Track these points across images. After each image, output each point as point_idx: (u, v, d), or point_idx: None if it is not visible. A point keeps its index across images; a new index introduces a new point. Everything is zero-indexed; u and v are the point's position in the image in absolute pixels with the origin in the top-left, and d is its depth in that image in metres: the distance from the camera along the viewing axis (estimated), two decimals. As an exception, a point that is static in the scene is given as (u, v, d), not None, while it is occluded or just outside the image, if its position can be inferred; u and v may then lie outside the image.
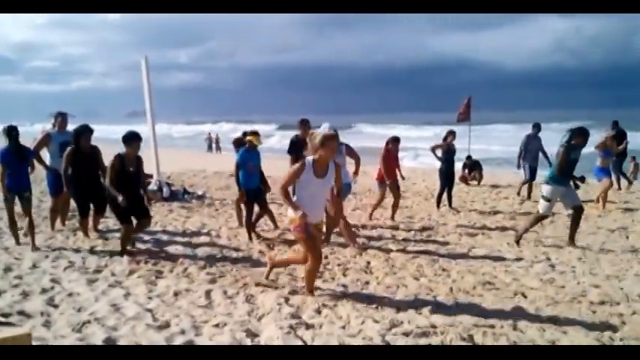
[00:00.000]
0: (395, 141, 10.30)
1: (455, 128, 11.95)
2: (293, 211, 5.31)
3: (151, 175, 11.57)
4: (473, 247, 8.10)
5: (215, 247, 7.91)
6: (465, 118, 17.94)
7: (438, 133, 12.23)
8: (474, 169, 16.05)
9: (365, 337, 4.57)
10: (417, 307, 5.39)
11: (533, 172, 12.60)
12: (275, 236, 8.64)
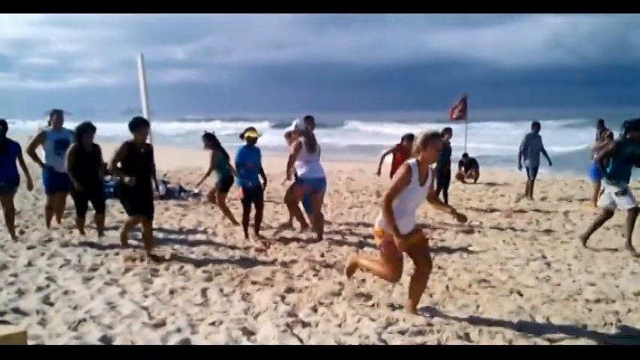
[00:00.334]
0: (410, 138, 10.14)
1: (451, 126, 11.95)
2: (395, 235, 4.69)
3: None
4: (469, 245, 8.12)
5: (211, 245, 7.90)
6: (462, 116, 17.94)
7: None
8: (470, 167, 16.06)
9: (361, 336, 4.57)
10: (413, 305, 5.40)
11: (534, 171, 12.57)
12: (272, 234, 8.63)
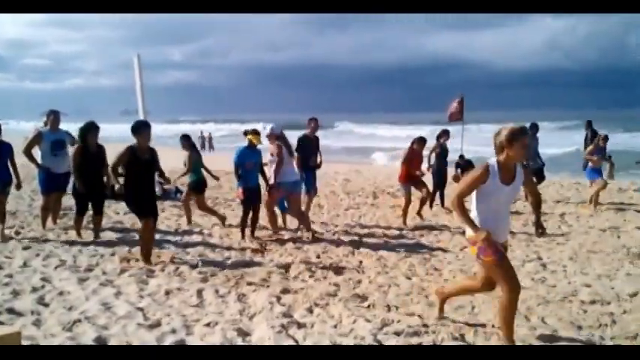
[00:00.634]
0: (421, 141, 10.07)
1: (448, 128, 11.96)
2: (472, 229, 4.33)
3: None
4: (465, 247, 8.11)
5: (207, 246, 7.89)
6: (459, 118, 17.93)
7: (427, 133, 12.30)
8: (466, 169, 16.05)
9: (356, 337, 4.57)
10: (408, 307, 5.41)
11: (539, 172, 12.46)
12: (268, 235, 8.63)
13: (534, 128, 12.65)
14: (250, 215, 8.37)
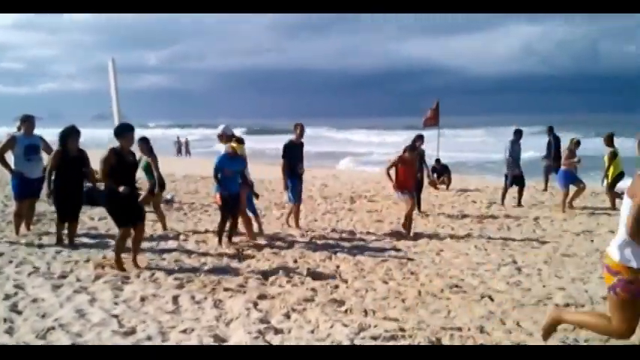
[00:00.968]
0: (412, 150, 9.89)
1: (423, 133, 12.01)
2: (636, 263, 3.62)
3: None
4: (441, 251, 8.18)
5: (183, 251, 7.83)
6: (434, 122, 18.10)
7: (405, 138, 12.36)
8: (442, 174, 16.20)
9: (334, 342, 4.57)
10: (385, 311, 5.43)
11: (519, 179, 12.58)
12: (245, 241, 8.58)
13: (518, 134, 12.78)
14: (230, 222, 8.31)
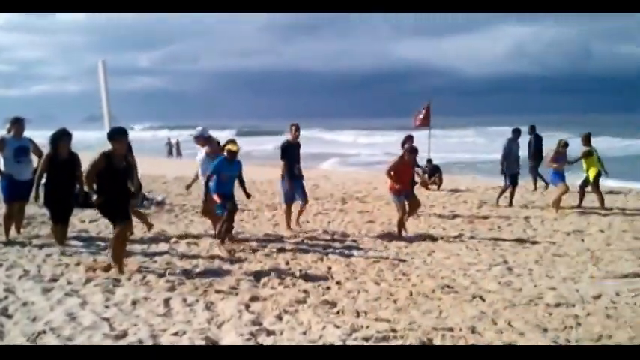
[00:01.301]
0: (413, 152, 9.73)
1: (414, 133, 12.02)
2: None
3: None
4: (432, 251, 8.20)
5: (174, 254, 7.80)
6: (426, 123, 18.13)
7: (397, 139, 12.37)
8: (434, 174, 16.22)
9: (326, 343, 4.57)
10: (377, 312, 5.43)
11: (514, 178, 12.57)
12: (237, 243, 8.56)
13: (517, 133, 12.84)
14: (226, 223, 8.29)
